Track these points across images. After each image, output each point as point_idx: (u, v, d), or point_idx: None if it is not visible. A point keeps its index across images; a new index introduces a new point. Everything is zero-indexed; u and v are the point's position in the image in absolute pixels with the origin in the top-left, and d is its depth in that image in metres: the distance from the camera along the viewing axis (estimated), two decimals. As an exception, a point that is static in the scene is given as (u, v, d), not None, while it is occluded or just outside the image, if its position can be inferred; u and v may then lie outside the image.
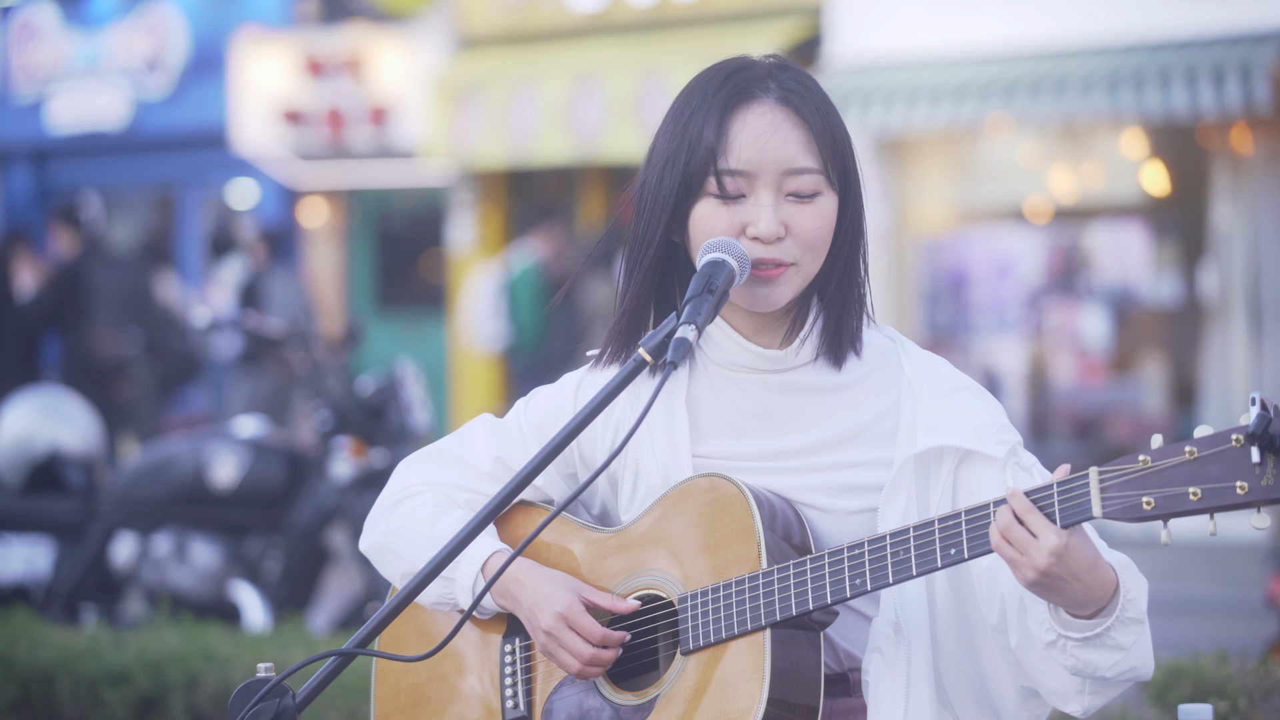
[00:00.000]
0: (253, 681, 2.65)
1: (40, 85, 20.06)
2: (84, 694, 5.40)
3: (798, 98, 2.80)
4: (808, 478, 2.82)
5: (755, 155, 2.76)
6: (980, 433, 2.77)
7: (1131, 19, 12.72)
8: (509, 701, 2.92)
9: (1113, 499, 2.52)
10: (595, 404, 2.71)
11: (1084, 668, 2.64)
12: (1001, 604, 2.72)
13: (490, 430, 3.01)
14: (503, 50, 16.18)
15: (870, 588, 2.67)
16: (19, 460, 8.07)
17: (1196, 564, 11.09)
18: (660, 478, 2.87)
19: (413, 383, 8.25)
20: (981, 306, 14.28)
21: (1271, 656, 4.56)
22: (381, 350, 15.72)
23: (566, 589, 2.84)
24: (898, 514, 2.76)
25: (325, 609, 8.38)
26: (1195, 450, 2.48)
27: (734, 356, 2.85)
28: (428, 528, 2.94)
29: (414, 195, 18.18)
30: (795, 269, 2.78)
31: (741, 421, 2.86)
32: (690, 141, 2.79)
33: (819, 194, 2.78)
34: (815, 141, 2.78)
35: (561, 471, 2.97)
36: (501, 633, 2.96)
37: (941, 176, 14.52)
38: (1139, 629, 2.63)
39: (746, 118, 2.78)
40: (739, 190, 2.77)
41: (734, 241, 2.75)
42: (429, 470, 3.02)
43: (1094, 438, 13.85)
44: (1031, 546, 2.54)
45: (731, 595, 2.74)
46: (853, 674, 2.83)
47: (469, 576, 2.87)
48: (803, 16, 14.46)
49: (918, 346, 2.90)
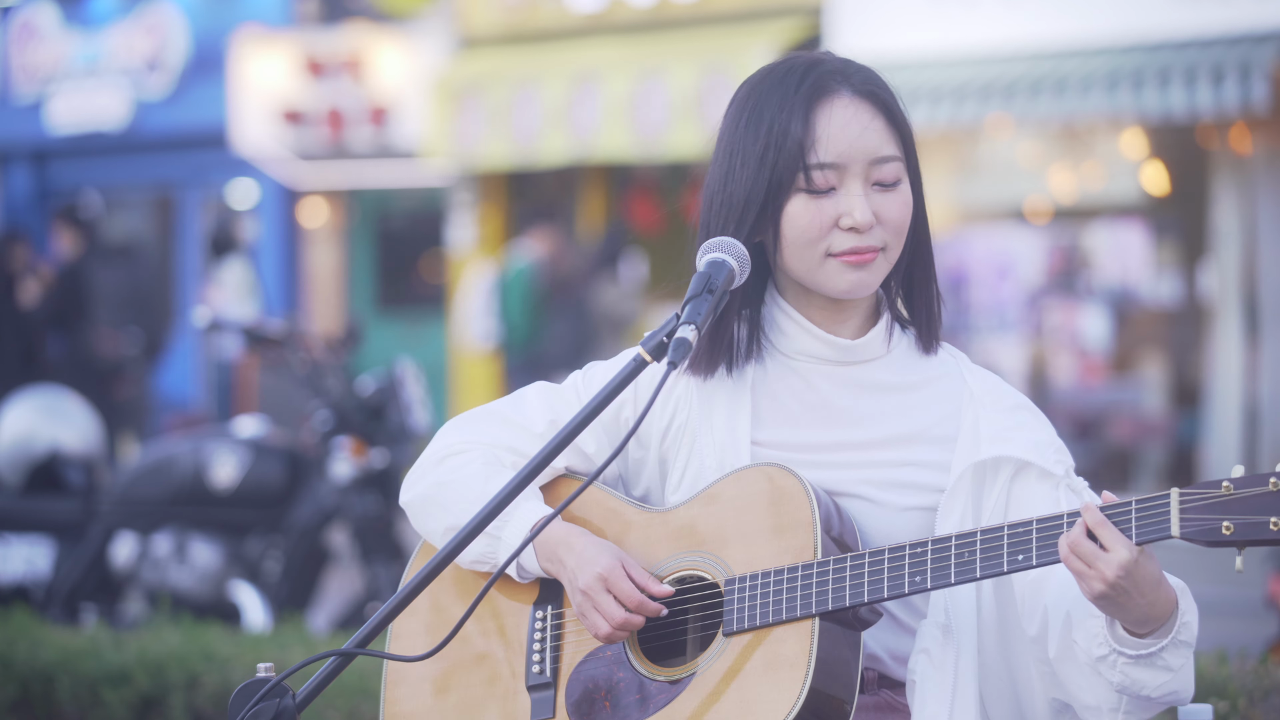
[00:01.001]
0: (253, 681, 2.65)
1: (40, 85, 20.06)
2: (84, 694, 5.40)
3: (874, 87, 2.88)
4: (862, 471, 2.85)
5: (844, 147, 2.82)
6: (1040, 449, 2.83)
7: (1131, 19, 12.71)
8: (535, 666, 2.91)
9: (1192, 521, 2.57)
10: (599, 401, 2.72)
11: (1130, 685, 2.67)
12: (1044, 616, 2.74)
13: (546, 395, 3.02)
14: (503, 50, 16.18)
15: (930, 586, 2.69)
16: (19, 460, 8.07)
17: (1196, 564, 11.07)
18: (715, 460, 2.88)
19: (413, 383, 8.25)
20: (981, 306, 14.27)
21: (1271, 656, 4.55)
22: (381, 350, 15.72)
23: (611, 554, 2.83)
24: (955, 519, 2.80)
25: (325, 609, 8.38)
26: (1278, 482, 2.54)
27: (804, 346, 2.89)
28: (480, 483, 2.92)
29: (414, 195, 18.18)
30: (884, 255, 2.85)
31: (802, 411, 2.89)
32: (777, 140, 2.82)
33: (900, 181, 2.85)
34: (894, 129, 2.86)
35: (614, 441, 2.96)
36: (533, 601, 2.95)
37: (941, 176, 14.51)
38: (1188, 653, 2.68)
39: (831, 111, 2.83)
40: (828, 184, 2.82)
41: (734, 241, 2.77)
42: (478, 429, 3.02)
43: (1094, 438, 13.84)
44: (1101, 560, 2.58)
45: (783, 581, 2.74)
46: (867, 672, 2.84)
47: (517, 536, 2.87)
48: (803, 16, 14.45)
49: (973, 362, 2.99)
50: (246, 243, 14.72)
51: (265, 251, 18.38)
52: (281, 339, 8.35)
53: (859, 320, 2.91)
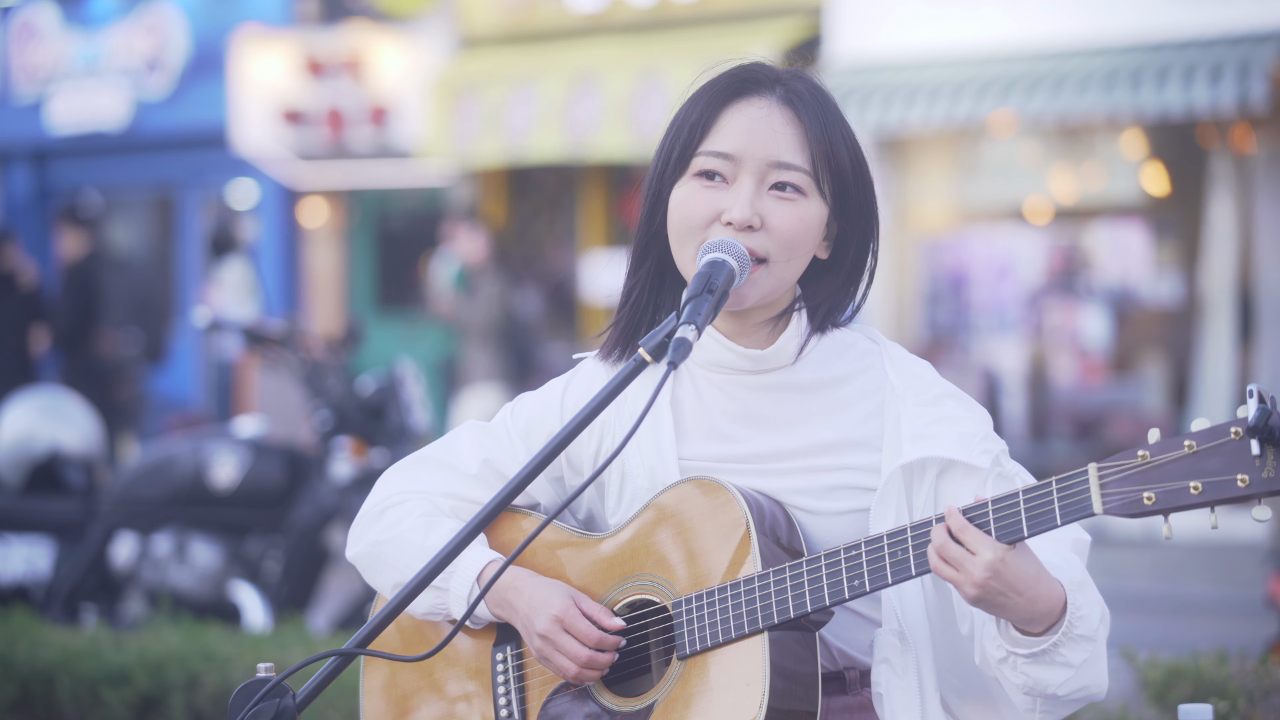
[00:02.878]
0: (253, 681, 2.65)
1: (40, 85, 20.06)
2: (84, 694, 5.40)
3: (801, 101, 2.79)
4: (794, 480, 2.81)
5: (744, 142, 2.75)
6: (965, 442, 2.75)
7: (1132, 19, 12.72)
8: (503, 710, 2.90)
9: (1113, 495, 2.50)
10: (594, 405, 2.70)
11: (1035, 685, 2.63)
12: (971, 617, 2.73)
13: (477, 435, 3.00)
14: (502, 50, 16.18)
15: (869, 588, 2.66)
16: (19, 460, 8.07)
17: (1196, 564, 11.09)
18: (647, 480, 2.85)
19: (413, 383, 8.25)
20: (981, 306, 14.27)
21: (1271, 656, 4.55)
22: (381, 350, 15.71)
23: (561, 594, 2.82)
24: (889, 522, 2.75)
25: (325, 609, 8.37)
26: (1194, 444, 2.46)
27: (716, 357, 2.84)
28: (419, 537, 2.92)
29: (414, 195, 18.17)
30: (766, 268, 2.75)
31: (725, 423, 2.84)
32: (678, 124, 2.79)
33: (803, 194, 2.75)
34: (808, 144, 2.76)
35: (548, 475, 2.95)
36: (492, 641, 2.94)
37: (941, 176, 14.52)
38: (1090, 646, 2.61)
39: (743, 109, 2.78)
40: (718, 171, 2.76)
41: (734, 242, 2.73)
42: (414, 476, 3.01)
43: (1094, 438, 13.84)
44: (968, 563, 2.54)
45: (727, 599, 2.72)
46: (849, 672, 2.83)
47: (464, 586, 2.86)
48: (803, 16, 14.45)
49: (901, 349, 2.89)
50: (246, 243, 14.71)
51: (265, 251, 18.37)
52: (281, 339, 8.35)
53: (768, 328, 2.83)
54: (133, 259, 16.12)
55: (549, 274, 17.30)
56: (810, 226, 2.76)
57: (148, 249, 20.11)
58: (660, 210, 2.82)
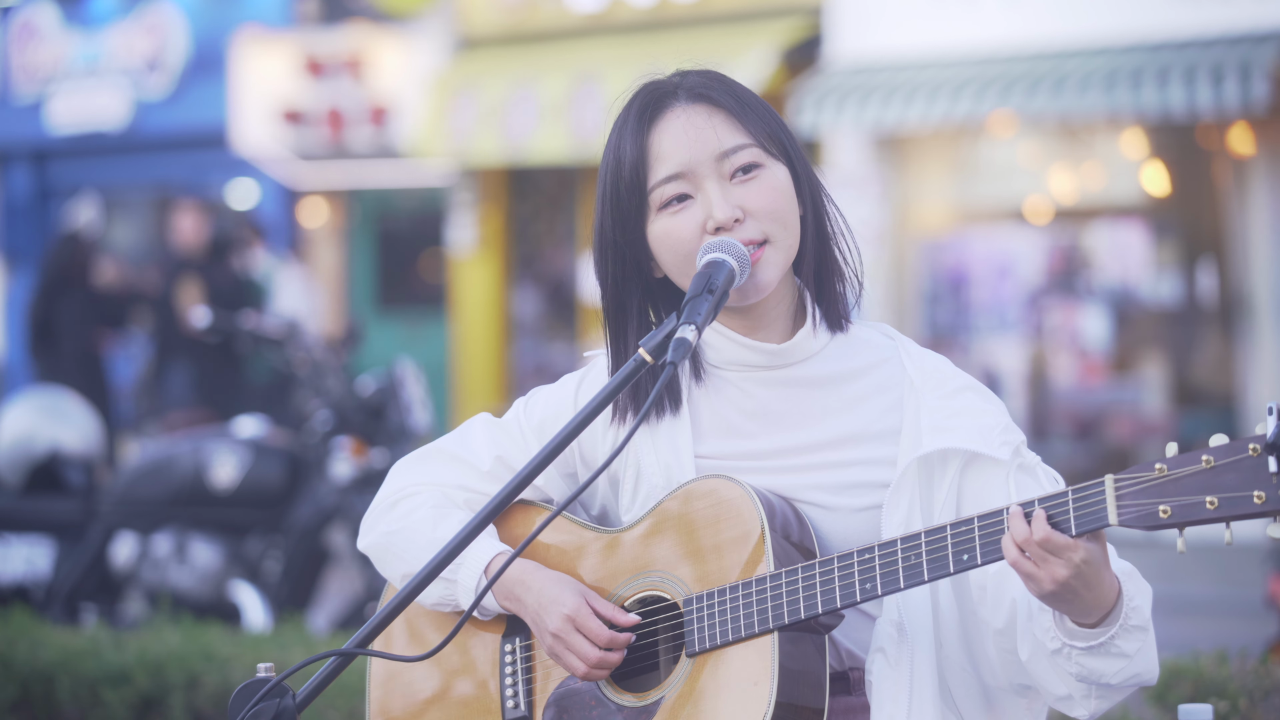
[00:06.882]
0: (253, 681, 2.65)
1: (40, 85, 20.06)
2: (84, 694, 5.40)
3: (706, 89, 2.82)
4: (811, 476, 2.81)
5: (686, 156, 2.77)
6: (985, 434, 2.76)
7: (1132, 19, 12.72)
8: (509, 701, 2.91)
9: (1128, 507, 2.51)
10: (595, 404, 2.70)
11: (1089, 675, 2.64)
12: (1011, 609, 2.71)
13: (490, 429, 3.01)
14: (502, 50, 16.18)
15: (881, 592, 2.66)
16: (19, 460, 8.07)
17: (1196, 564, 11.08)
18: (662, 478, 2.86)
19: (413, 383, 8.25)
20: (981, 306, 14.27)
21: (1271, 656, 4.56)
22: (381, 350, 15.72)
23: (573, 591, 2.83)
24: (901, 515, 2.75)
25: (325, 609, 8.38)
26: (1212, 459, 2.47)
27: (732, 355, 2.85)
28: (429, 529, 2.93)
29: (414, 195, 18.18)
30: (771, 247, 2.77)
31: (742, 421, 2.85)
32: (615, 173, 2.81)
33: (761, 165, 2.78)
34: (736, 119, 2.79)
35: (561, 471, 2.96)
36: (500, 633, 2.95)
37: (941, 176, 14.52)
38: (1143, 636, 2.63)
39: (665, 127, 2.80)
40: (681, 192, 2.78)
41: (731, 241, 2.74)
42: (427, 469, 3.01)
43: (1094, 438, 13.84)
44: (1051, 561, 2.54)
45: (739, 598, 2.73)
46: (853, 672, 2.83)
47: (472, 578, 2.87)
48: (803, 16, 14.46)
49: (917, 344, 2.90)
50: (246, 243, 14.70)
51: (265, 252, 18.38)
52: (282, 339, 8.35)
53: (784, 322, 2.85)
54: (133, 259, 16.13)
55: (548, 274, 17.31)
56: (784, 188, 2.80)
57: (148, 249, 20.11)
58: (625, 263, 2.83)
